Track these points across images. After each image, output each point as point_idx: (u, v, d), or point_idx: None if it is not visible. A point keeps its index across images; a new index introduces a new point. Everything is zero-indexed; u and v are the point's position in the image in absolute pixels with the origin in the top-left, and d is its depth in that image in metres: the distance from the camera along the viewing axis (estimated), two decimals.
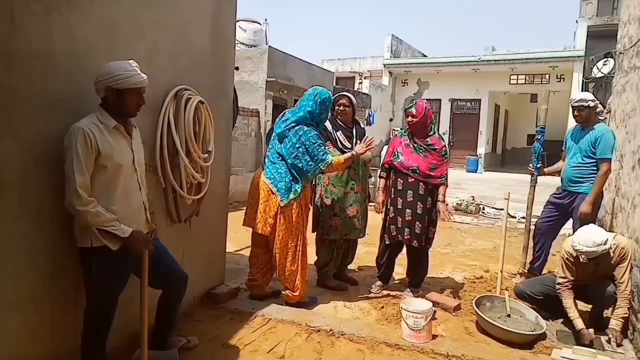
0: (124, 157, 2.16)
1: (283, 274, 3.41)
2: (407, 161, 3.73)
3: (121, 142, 2.17)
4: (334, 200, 3.77)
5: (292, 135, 3.29)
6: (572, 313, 3.14)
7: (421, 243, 3.75)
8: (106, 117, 2.11)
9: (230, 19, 3.56)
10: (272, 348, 2.88)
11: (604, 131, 3.95)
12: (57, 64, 2.08)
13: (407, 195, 3.73)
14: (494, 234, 6.63)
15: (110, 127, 2.10)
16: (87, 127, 2.00)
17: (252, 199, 3.43)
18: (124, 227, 2.09)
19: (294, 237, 3.35)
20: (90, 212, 1.98)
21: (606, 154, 3.87)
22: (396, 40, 19.56)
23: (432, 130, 3.79)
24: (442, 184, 3.71)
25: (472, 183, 13.11)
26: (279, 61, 9.80)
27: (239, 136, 8.54)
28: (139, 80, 2.12)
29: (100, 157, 2.04)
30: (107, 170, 2.08)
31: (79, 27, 2.18)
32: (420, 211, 3.71)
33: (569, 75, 15.48)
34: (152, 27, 2.68)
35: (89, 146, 1.99)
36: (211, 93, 3.27)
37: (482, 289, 4.11)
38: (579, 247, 3.01)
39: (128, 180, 2.20)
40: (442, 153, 3.73)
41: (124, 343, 2.52)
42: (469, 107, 18.65)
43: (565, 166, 4.21)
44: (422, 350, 2.87)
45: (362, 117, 13.92)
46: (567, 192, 4.15)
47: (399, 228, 3.77)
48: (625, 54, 4.29)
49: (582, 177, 4.01)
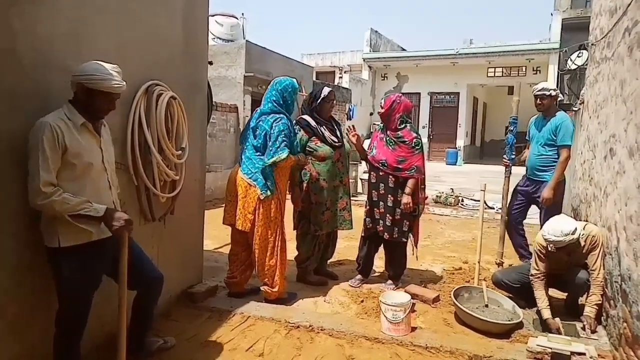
0: (93, 156, 2.10)
1: (262, 270, 3.38)
2: (378, 154, 3.79)
3: (90, 140, 2.11)
4: (325, 195, 3.77)
5: (264, 125, 3.29)
6: (541, 303, 3.21)
7: (392, 235, 3.77)
8: (74, 114, 2.05)
9: (203, 12, 3.50)
10: (251, 346, 2.85)
11: (564, 119, 4.17)
12: (21, 58, 2.00)
13: (379, 188, 3.79)
14: (473, 225, 6.70)
15: (77, 125, 2.04)
16: (54, 123, 1.94)
17: (231, 195, 3.40)
18: (97, 206, 2.03)
19: (273, 232, 3.34)
20: (56, 200, 1.91)
21: (566, 140, 4.08)
22: (375, 34, 19.59)
23: (403, 123, 3.80)
24: (410, 176, 3.72)
25: (451, 175, 13.25)
26: (257, 56, 9.69)
27: (217, 132, 8.43)
28: (113, 86, 2.06)
29: (67, 154, 1.98)
30: (76, 168, 2.02)
31: (44, 21, 2.10)
32: (390, 203, 3.74)
33: (545, 67, 15.73)
34: (121, 20, 2.61)
35: (56, 142, 1.93)
36: (184, 88, 3.21)
37: (461, 280, 4.15)
38: (548, 237, 3.09)
39: (98, 180, 2.15)
40: (411, 145, 3.74)
41: (99, 343, 2.47)
42: (447, 101, 18.81)
43: (529, 155, 4.33)
44: (401, 343, 2.88)
45: (343, 112, 13.92)
46: (531, 180, 4.30)
47: (375, 220, 3.82)
48: (597, 45, 4.35)
49: (546, 165, 4.17)
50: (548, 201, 4.04)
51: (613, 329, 2.85)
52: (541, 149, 4.19)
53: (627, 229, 2.65)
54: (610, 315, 2.94)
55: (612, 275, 2.96)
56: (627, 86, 2.96)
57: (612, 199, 3.10)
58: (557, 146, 4.10)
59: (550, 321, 3.08)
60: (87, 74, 2.02)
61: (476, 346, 2.84)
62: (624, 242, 2.69)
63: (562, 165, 4.07)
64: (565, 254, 3.18)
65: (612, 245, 3.00)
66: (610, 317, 2.94)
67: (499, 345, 2.87)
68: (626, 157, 2.79)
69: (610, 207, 3.11)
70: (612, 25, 3.56)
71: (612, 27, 3.56)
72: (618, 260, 2.80)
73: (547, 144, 4.15)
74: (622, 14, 3.18)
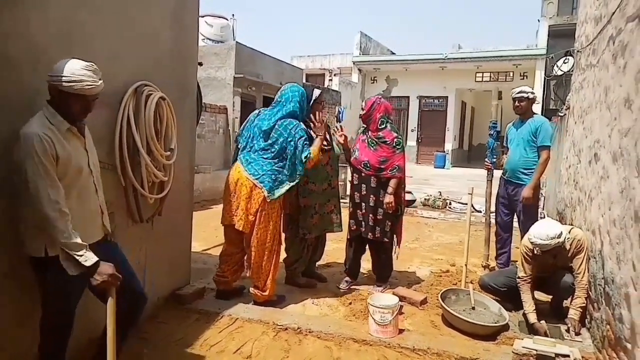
0: (80, 160, 2.04)
1: (256, 272, 3.36)
2: (360, 156, 3.83)
3: (76, 144, 2.04)
4: (313, 198, 3.77)
5: (282, 130, 3.30)
6: (528, 307, 3.26)
7: (375, 235, 3.79)
8: (57, 118, 1.95)
9: (193, 13, 3.48)
10: (238, 348, 2.84)
11: (543, 121, 4.27)
12: (11, 60, 1.98)
13: (361, 189, 3.83)
14: (461, 228, 6.75)
15: (63, 130, 1.95)
16: (42, 133, 1.85)
17: (231, 195, 3.35)
18: (89, 255, 1.91)
19: (271, 235, 3.33)
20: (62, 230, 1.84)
21: (546, 141, 4.16)
22: (365, 37, 19.67)
23: (384, 124, 3.83)
24: (392, 176, 3.75)
25: (439, 179, 13.35)
26: (247, 57, 9.69)
27: (206, 133, 8.41)
28: (85, 87, 1.93)
29: (59, 163, 1.90)
30: (66, 175, 1.94)
31: (35, 22, 2.08)
32: (372, 204, 3.78)
33: (532, 73, 15.93)
34: (112, 21, 2.59)
35: (50, 155, 1.85)
36: (174, 89, 3.20)
37: (448, 283, 4.18)
38: (534, 240, 3.15)
39: (84, 183, 2.07)
40: (392, 145, 3.78)
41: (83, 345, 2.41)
42: (436, 104, 18.96)
43: (509, 157, 4.38)
44: (389, 345, 2.89)
45: (333, 114, 13.95)
46: (511, 183, 4.34)
47: (358, 222, 3.86)
48: (582, 52, 4.43)
49: (527, 168, 4.23)
50: (528, 200, 4.10)
51: (597, 332, 2.90)
52: (523, 152, 4.24)
53: (610, 233, 2.70)
54: (594, 317, 2.99)
55: (595, 278, 3.01)
56: (611, 93, 3.02)
57: (596, 203, 3.15)
58: (537, 147, 4.17)
59: (537, 325, 3.12)
60: (61, 74, 1.89)
61: (463, 348, 2.87)
62: (608, 246, 2.74)
63: (542, 166, 4.14)
64: (551, 257, 3.24)
65: (596, 249, 3.05)
66: (594, 320, 2.98)
67: (486, 347, 2.90)
68: (610, 162, 2.84)
69: (595, 211, 3.16)
70: (597, 33, 3.63)
71: (597, 34, 3.63)
72: (602, 264, 2.85)
73: (528, 146, 4.21)
74: (607, 22, 3.25)
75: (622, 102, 2.68)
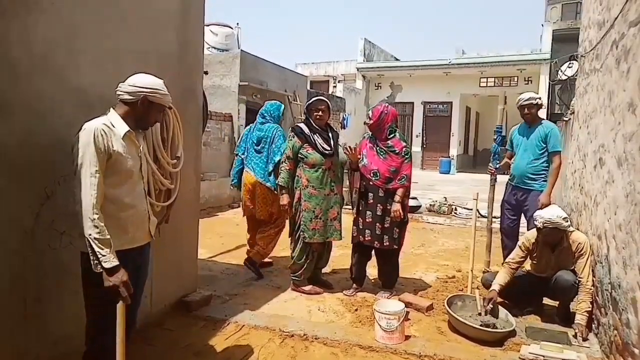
0: (132, 164, 2.10)
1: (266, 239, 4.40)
2: (370, 164, 3.81)
3: (132, 148, 2.11)
4: (315, 203, 3.79)
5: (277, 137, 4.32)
6: (498, 279, 3.49)
7: (383, 244, 3.79)
8: (119, 122, 2.06)
9: (198, 21, 3.52)
10: (245, 355, 2.85)
11: (552, 127, 4.26)
12: (14, 65, 2.02)
13: (368, 197, 3.82)
14: (466, 233, 6.73)
15: (121, 132, 2.04)
16: (100, 126, 1.96)
17: (249, 193, 4.38)
18: (111, 257, 1.90)
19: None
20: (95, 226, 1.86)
21: (557, 147, 4.17)
22: (369, 44, 19.75)
23: (392, 133, 3.85)
24: (401, 185, 3.76)
25: (444, 184, 13.33)
26: (251, 65, 9.75)
27: (212, 141, 8.45)
28: (169, 101, 2.22)
29: (111, 159, 1.98)
30: (116, 174, 2.01)
31: (39, 28, 2.12)
32: (380, 212, 3.77)
33: (536, 77, 15.93)
34: (116, 28, 2.64)
35: (102, 145, 1.93)
36: (180, 97, 3.22)
37: (454, 289, 4.17)
38: (543, 215, 3.32)
39: (133, 187, 2.14)
40: (402, 154, 3.78)
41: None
42: (441, 110, 18.97)
43: (516, 163, 4.37)
44: (395, 351, 2.89)
45: (337, 121, 13.99)
46: (519, 189, 4.32)
47: (360, 229, 3.86)
48: (586, 57, 4.44)
49: (536, 173, 4.23)
50: (545, 206, 4.06)
51: (604, 337, 2.88)
52: (532, 157, 4.23)
53: (616, 238, 2.70)
54: (602, 322, 2.98)
55: (602, 283, 3.00)
56: (615, 97, 3.03)
57: (602, 207, 3.15)
58: (548, 153, 4.16)
59: (492, 292, 3.38)
60: (155, 87, 2.10)
61: (469, 354, 2.86)
62: (614, 251, 2.73)
63: (556, 171, 4.14)
64: (551, 249, 3.33)
65: (602, 254, 3.04)
66: (602, 325, 2.97)
67: (492, 354, 2.89)
68: (615, 166, 2.84)
69: (600, 216, 3.16)
70: (600, 37, 3.64)
71: (600, 39, 3.64)
72: (608, 269, 2.84)
73: (537, 151, 4.21)
74: (610, 27, 3.26)
75: (626, 107, 2.69)
